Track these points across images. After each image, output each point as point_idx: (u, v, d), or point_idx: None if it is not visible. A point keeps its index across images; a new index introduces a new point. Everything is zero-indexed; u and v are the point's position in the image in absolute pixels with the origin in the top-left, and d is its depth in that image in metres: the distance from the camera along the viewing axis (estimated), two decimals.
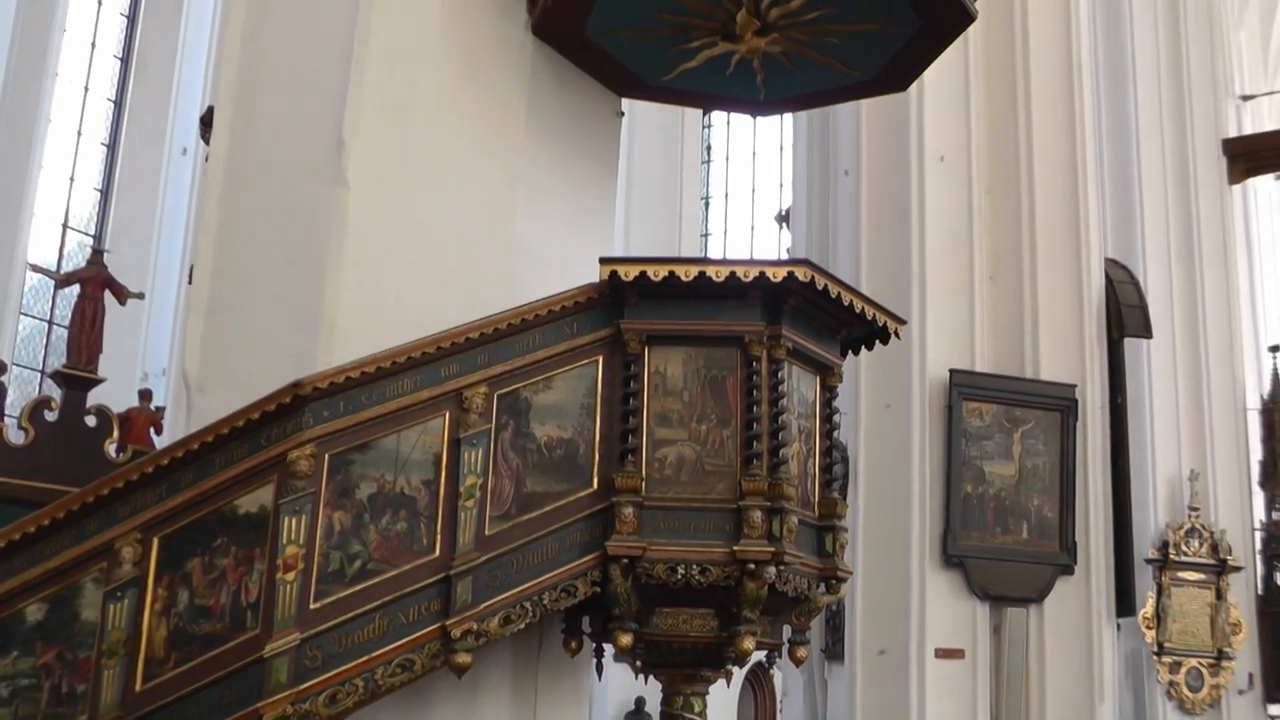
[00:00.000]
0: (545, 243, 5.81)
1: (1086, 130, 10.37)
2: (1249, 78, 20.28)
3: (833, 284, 4.82)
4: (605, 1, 5.64)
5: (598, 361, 4.78)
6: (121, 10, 20.83)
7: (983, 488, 10.07)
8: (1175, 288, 13.29)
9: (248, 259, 5.60)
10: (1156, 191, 13.45)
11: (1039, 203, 10.01)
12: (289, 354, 5.18)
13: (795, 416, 4.92)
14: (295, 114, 5.69)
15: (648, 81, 6.29)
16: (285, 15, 5.92)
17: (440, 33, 5.76)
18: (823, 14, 5.64)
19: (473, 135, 5.71)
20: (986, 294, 9.97)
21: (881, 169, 9.89)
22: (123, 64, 20.60)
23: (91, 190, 19.85)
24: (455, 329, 4.54)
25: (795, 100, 6.87)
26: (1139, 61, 13.82)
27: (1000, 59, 10.09)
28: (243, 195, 5.70)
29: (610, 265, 4.70)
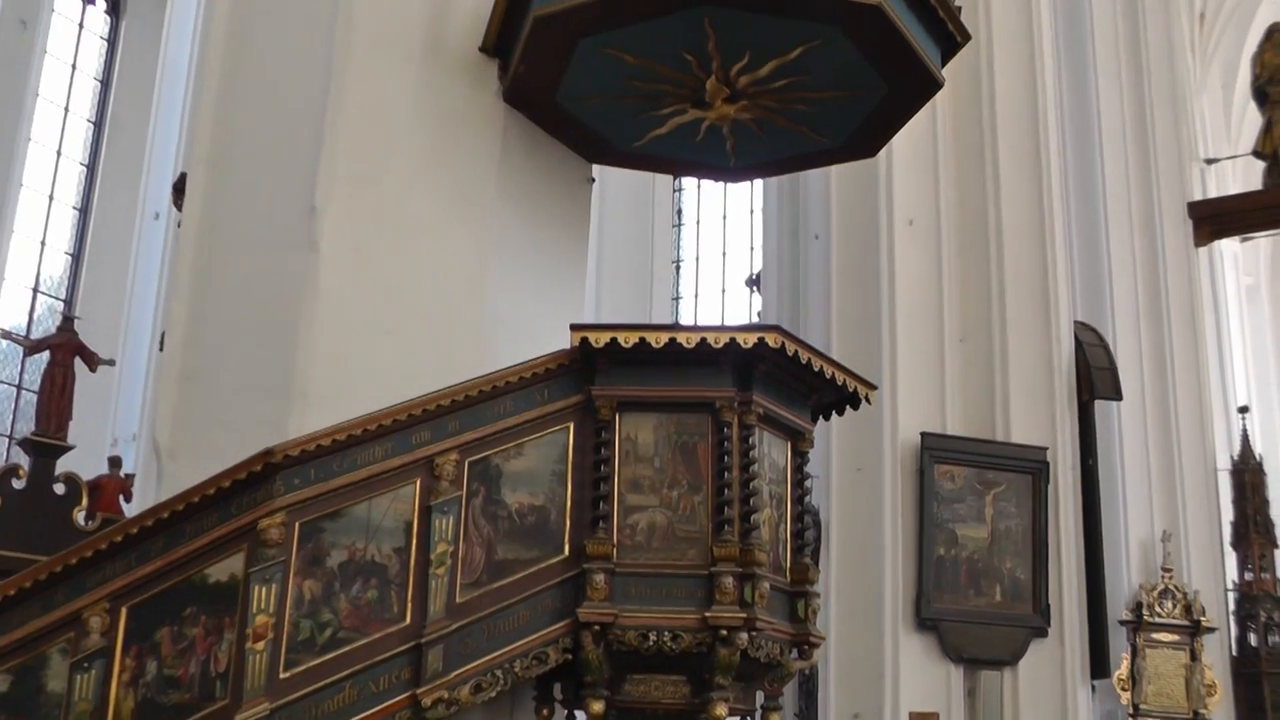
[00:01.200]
0: (517, 308, 5.82)
1: (1054, 194, 10.48)
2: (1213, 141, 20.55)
3: (803, 350, 4.84)
4: (576, 69, 5.70)
5: (569, 428, 4.79)
6: (95, 75, 20.88)
7: (955, 550, 10.07)
8: (1144, 350, 13.36)
9: (219, 326, 5.60)
10: (1124, 255, 13.57)
11: (1008, 266, 10.10)
12: (260, 421, 5.18)
13: (766, 482, 4.93)
14: (268, 180, 5.71)
15: (618, 148, 6.35)
16: (258, 81, 5.96)
17: (413, 99, 5.81)
18: (791, 82, 5.71)
19: (445, 201, 5.74)
20: (957, 357, 10.02)
21: (851, 233, 9.97)
22: (95, 128, 20.62)
23: (63, 254, 19.81)
24: (427, 396, 4.54)
25: (765, 166, 6.93)
26: (1105, 126, 13.98)
27: (968, 124, 10.20)
28: (215, 262, 5.71)
29: (581, 332, 4.71)
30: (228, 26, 6.17)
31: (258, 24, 6.11)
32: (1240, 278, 22.28)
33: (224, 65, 6.10)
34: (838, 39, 5.45)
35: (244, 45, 6.09)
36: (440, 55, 5.91)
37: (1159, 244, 13.79)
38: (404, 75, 5.82)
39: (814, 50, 5.51)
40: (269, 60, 6.01)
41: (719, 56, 5.56)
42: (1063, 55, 13.58)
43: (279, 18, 6.06)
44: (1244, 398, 19.05)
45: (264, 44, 6.06)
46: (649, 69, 5.64)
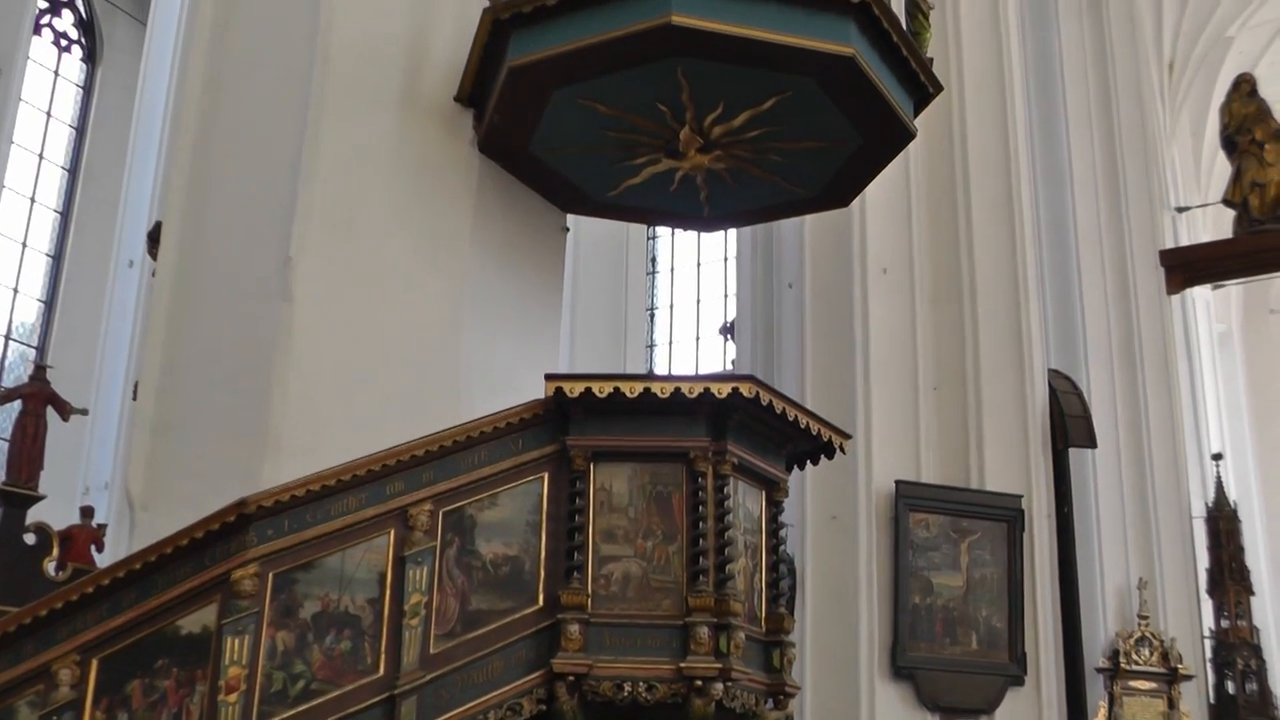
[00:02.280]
0: (491, 357, 5.83)
1: (1027, 242, 10.55)
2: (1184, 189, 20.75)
3: (777, 400, 4.86)
4: (550, 119, 5.73)
5: (543, 478, 4.78)
6: (70, 122, 20.87)
7: (931, 599, 10.05)
8: (1118, 397, 13.41)
9: (193, 375, 5.58)
10: (1097, 302, 13.64)
11: (981, 314, 10.14)
12: (234, 471, 5.16)
13: (741, 532, 4.93)
14: (243, 229, 5.72)
15: (593, 197, 6.38)
16: (234, 130, 5.98)
17: (388, 149, 5.83)
18: (765, 132, 5.76)
19: (419, 250, 5.75)
20: (931, 405, 10.04)
21: (825, 281, 10.01)
22: (70, 175, 20.60)
23: (35, 301, 19.73)
24: (401, 446, 4.52)
25: (739, 216, 6.97)
26: (1076, 175, 14.10)
27: (941, 173, 10.28)
28: (189, 311, 5.70)
29: (556, 382, 4.72)
30: (204, 75, 6.20)
31: (234, 73, 6.13)
32: (1213, 325, 22.45)
33: (200, 114, 6.12)
34: (811, 90, 5.50)
35: (220, 94, 6.11)
36: (416, 105, 5.94)
37: (1132, 292, 13.87)
38: (380, 125, 5.84)
39: (787, 101, 5.56)
40: (245, 109, 6.03)
41: (693, 107, 5.61)
42: (1034, 104, 13.73)
43: (255, 67, 6.09)
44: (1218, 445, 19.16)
45: (240, 93, 6.08)
46: (623, 119, 5.68)
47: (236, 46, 6.19)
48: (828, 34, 5.30)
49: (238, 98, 6.09)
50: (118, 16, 21.58)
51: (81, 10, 21.56)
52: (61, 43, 21.12)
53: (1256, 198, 13.63)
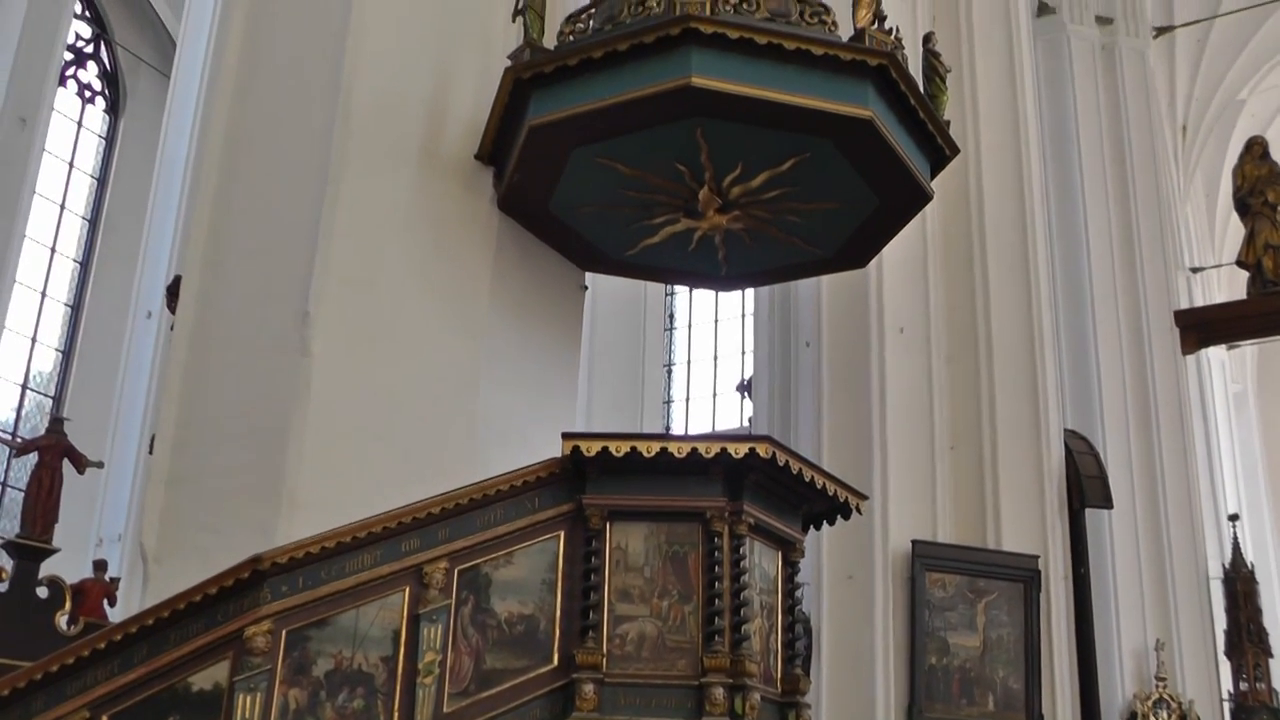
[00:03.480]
0: (508, 415, 5.83)
1: (1043, 303, 10.54)
2: (1198, 250, 20.78)
3: (794, 460, 4.85)
4: (570, 178, 5.77)
5: (559, 536, 4.77)
6: (92, 173, 21.05)
7: (947, 659, 9.96)
8: (1134, 458, 13.38)
9: (210, 429, 5.59)
10: (1113, 363, 13.65)
11: (998, 375, 10.12)
12: (249, 526, 5.15)
13: (757, 592, 4.91)
14: (262, 284, 5.74)
15: (611, 256, 6.40)
16: (255, 184, 6.02)
17: (407, 206, 5.86)
18: (783, 193, 5.79)
19: (437, 307, 5.77)
20: (947, 465, 10.01)
21: (842, 340, 10.00)
22: (91, 226, 20.75)
23: (53, 351, 19.82)
24: (417, 503, 4.52)
25: (757, 276, 6.99)
26: (1092, 235, 14.16)
27: (958, 233, 10.30)
28: (207, 365, 5.72)
29: (573, 441, 4.71)
30: (226, 129, 6.25)
31: (256, 126, 6.18)
32: (1228, 385, 22.41)
33: (221, 167, 6.17)
34: (829, 152, 5.53)
35: (242, 148, 6.16)
36: (436, 162, 5.98)
37: (1147, 352, 13.87)
38: (399, 181, 5.88)
39: (806, 162, 5.59)
40: (266, 163, 6.08)
41: (711, 167, 5.64)
42: (1050, 166, 13.80)
43: (277, 122, 6.14)
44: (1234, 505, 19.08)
45: (261, 147, 6.13)
46: (642, 179, 5.71)
47: (259, 101, 6.25)
48: (846, 97, 5.34)
49: (259, 152, 6.14)
50: (141, 69, 21.81)
51: (106, 62, 21.81)
52: (85, 94, 21.34)
53: (1270, 259, 13.63)
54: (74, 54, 20.93)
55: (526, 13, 5.83)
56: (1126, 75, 15.58)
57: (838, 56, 5.34)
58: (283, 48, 6.32)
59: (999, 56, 10.90)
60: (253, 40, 6.40)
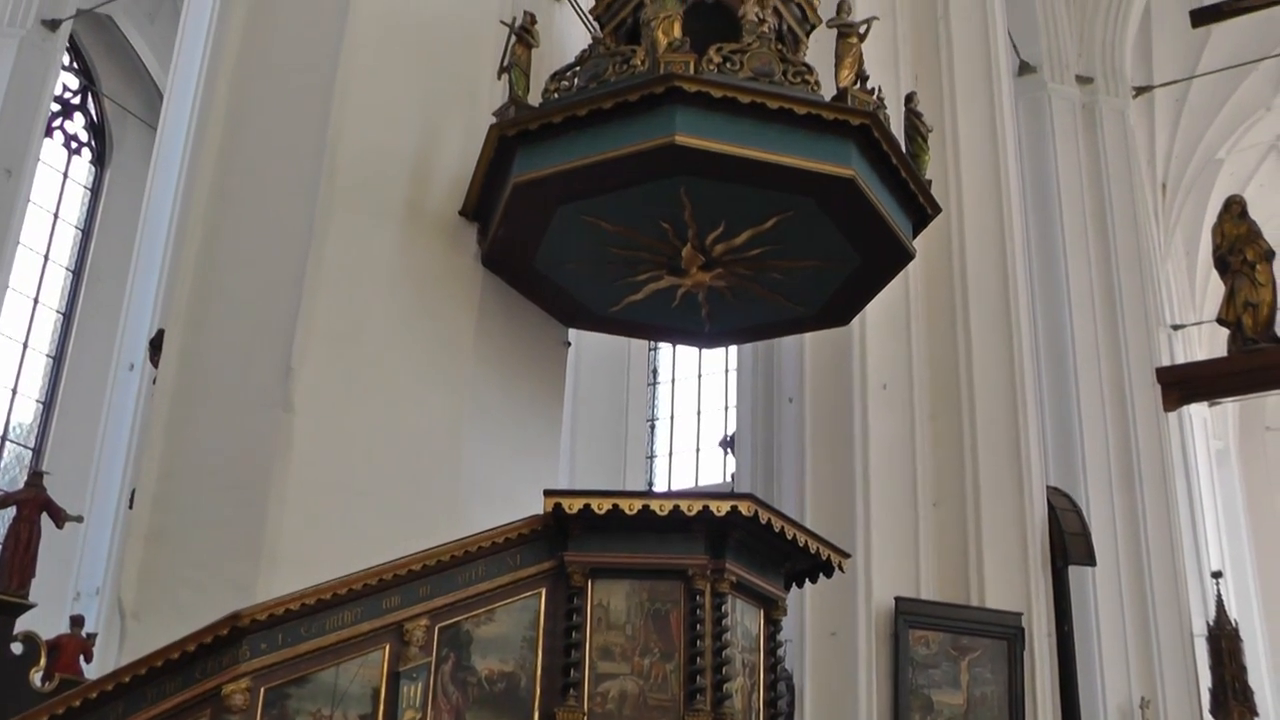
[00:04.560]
0: (491, 470, 5.82)
1: (1025, 360, 10.58)
2: (1179, 308, 20.91)
3: (776, 519, 4.84)
4: (554, 235, 5.79)
5: (540, 594, 4.74)
6: (77, 224, 21.05)
7: (932, 717, 9.90)
8: (1117, 515, 13.40)
9: (190, 484, 5.57)
10: (1095, 420, 13.71)
11: (980, 431, 10.13)
12: (228, 582, 5.13)
13: (739, 650, 4.88)
14: (245, 339, 5.74)
15: (595, 312, 6.41)
16: (240, 239, 6.04)
17: (392, 261, 5.87)
18: (766, 251, 5.82)
19: (421, 363, 5.77)
20: (931, 521, 10.00)
21: (825, 396, 10.01)
22: (74, 277, 20.72)
23: (34, 403, 19.73)
24: (398, 560, 4.50)
25: (740, 333, 7.00)
26: (1074, 293, 14.26)
27: (940, 290, 10.34)
28: (189, 420, 5.70)
29: (554, 498, 4.70)
30: (212, 182, 6.27)
31: (241, 180, 6.20)
32: (1210, 442, 22.48)
33: (206, 220, 6.18)
34: (812, 210, 5.57)
35: (227, 201, 6.18)
36: (420, 218, 6.00)
37: (1129, 409, 13.94)
38: (384, 237, 5.90)
39: (788, 220, 5.62)
40: (251, 217, 6.09)
41: (695, 225, 5.67)
42: (1032, 225, 13.92)
43: (262, 176, 6.16)
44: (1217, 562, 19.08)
45: (247, 201, 6.15)
46: (626, 236, 5.74)
47: (244, 155, 6.27)
48: (828, 156, 5.38)
49: (244, 206, 6.16)
50: (128, 120, 21.87)
51: (93, 114, 21.87)
52: (72, 145, 21.38)
53: (1250, 317, 13.72)
54: (61, 105, 20.99)
55: (512, 70, 5.88)
56: (1107, 134, 15.76)
57: (820, 116, 5.39)
58: (269, 102, 6.35)
59: (981, 115, 11.00)
60: (239, 93, 6.44)
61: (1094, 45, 16.48)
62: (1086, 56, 16.41)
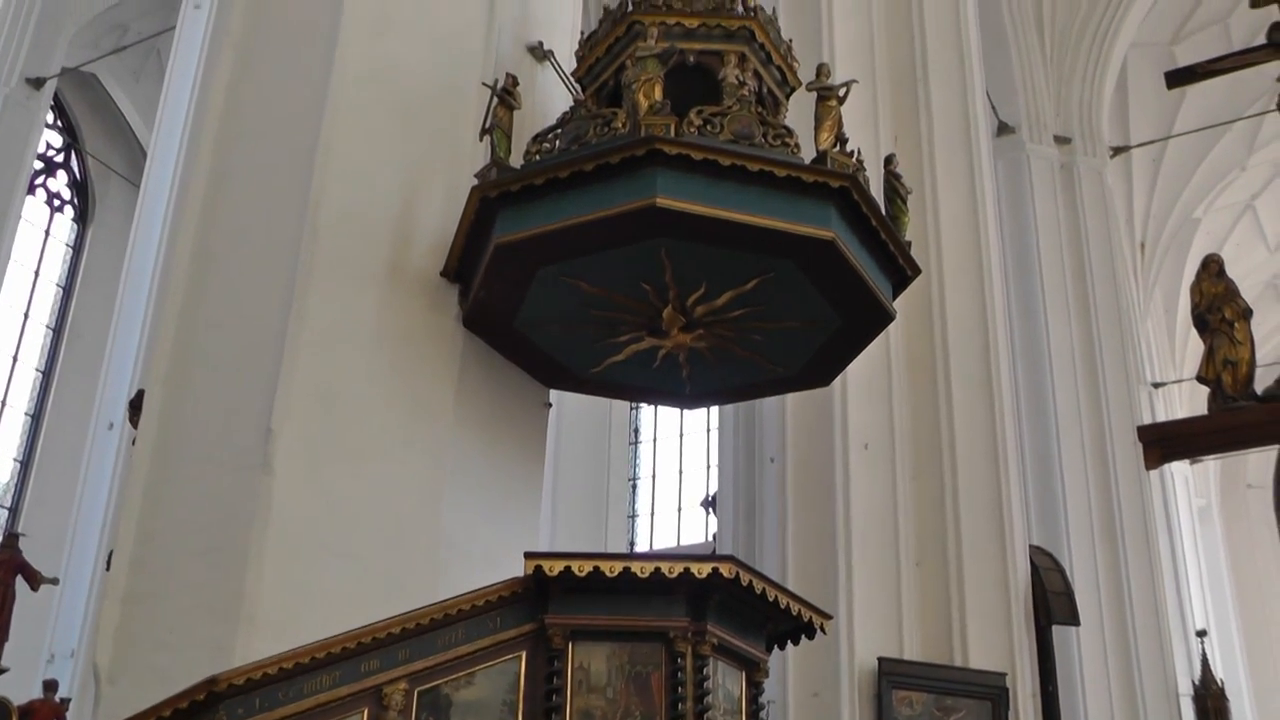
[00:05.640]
0: (471, 532, 5.79)
1: (1006, 419, 10.60)
2: (1159, 365, 21.00)
3: (757, 580, 4.83)
4: (535, 296, 5.80)
5: (521, 657, 4.71)
6: (58, 281, 21.00)
7: None
8: (1100, 573, 13.40)
9: (168, 546, 5.53)
10: (1077, 478, 13.74)
11: (962, 490, 10.13)
12: (205, 645, 5.08)
13: (721, 713, 4.84)
14: (225, 400, 5.73)
15: (576, 373, 6.41)
16: (222, 299, 6.03)
17: (373, 323, 5.87)
18: (747, 312, 5.83)
19: (401, 424, 5.76)
20: (913, 581, 9.97)
21: (806, 456, 10.01)
22: (55, 335, 20.65)
23: (12, 461, 19.59)
24: (377, 624, 4.46)
25: (721, 394, 7.02)
26: (1054, 352, 14.34)
27: (921, 350, 10.37)
28: (168, 480, 5.67)
29: (535, 560, 4.68)
30: (194, 241, 6.27)
31: (224, 240, 6.21)
32: (1192, 499, 22.50)
33: (188, 279, 6.18)
34: (792, 272, 5.59)
35: (209, 260, 6.18)
36: (402, 279, 6.01)
37: (1111, 467, 13.97)
38: (365, 298, 5.90)
39: (769, 282, 5.65)
40: (232, 278, 6.09)
41: (676, 287, 5.69)
42: (1012, 284, 14.01)
43: (245, 236, 6.17)
44: (1202, 621, 19.05)
45: (229, 260, 6.15)
46: (607, 298, 5.75)
47: (227, 214, 6.28)
48: (808, 218, 5.41)
49: (226, 266, 6.16)
50: (112, 178, 21.90)
51: (76, 171, 21.89)
52: (54, 202, 21.37)
53: (1229, 375, 13.76)
54: (44, 163, 21.01)
55: (494, 132, 5.91)
56: (1085, 194, 15.91)
57: (800, 178, 5.42)
58: (253, 161, 6.37)
59: (960, 176, 11.08)
60: (223, 153, 6.46)
61: (1071, 106, 16.67)
62: (1064, 117, 16.59)
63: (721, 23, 6.12)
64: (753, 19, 6.18)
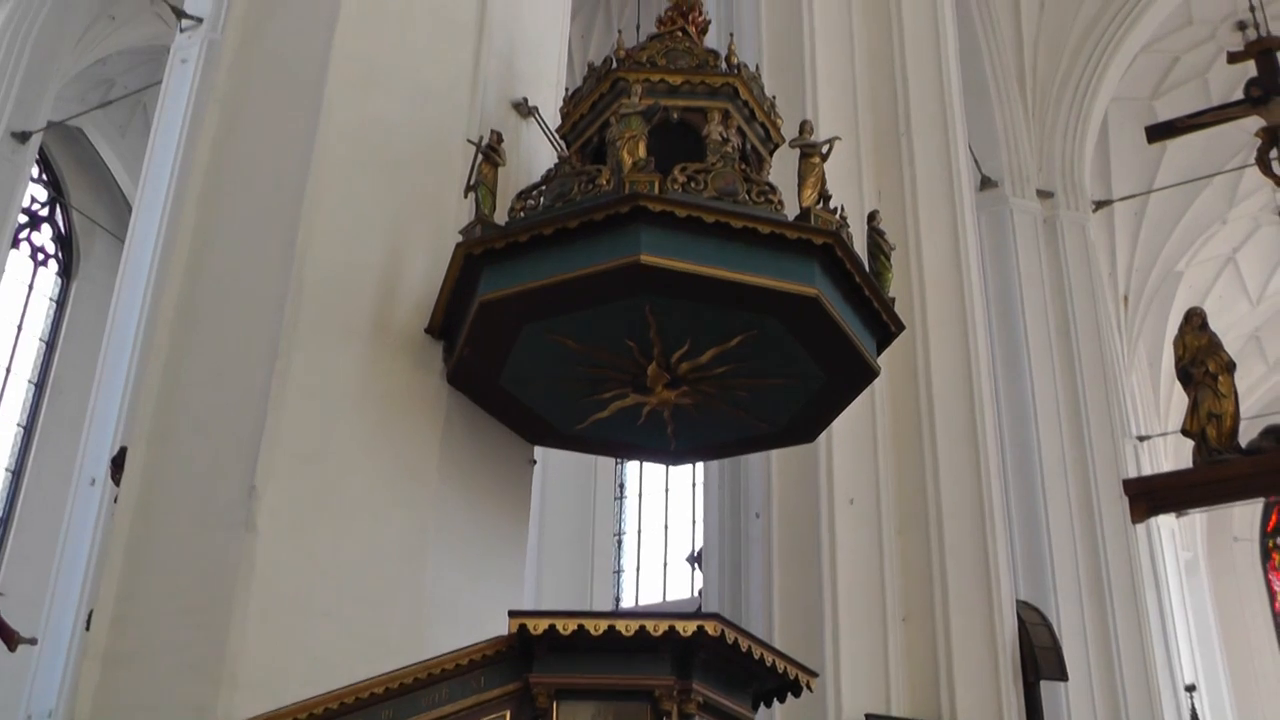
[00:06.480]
0: (455, 591, 5.76)
1: (992, 473, 10.60)
2: (1144, 418, 21.07)
3: (743, 638, 4.79)
4: (519, 353, 5.80)
5: (505, 716, 4.65)
6: (41, 336, 20.96)
7: None
8: (1088, 628, 13.38)
9: (150, 605, 5.48)
10: (1064, 532, 13.75)
11: (949, 545, 10.11)
12: (187, 706, 5.04)
13: None
14: (209, 457, 5.70)
15: (560, 430, 6.40)
16: (206, 355, 6.02)
17: (357, 380, 5.86)
18: (731, 369, 5.83)
19: (385, 482, 5.73)
20: (900, 637, 9.93)
21: (792, 512, 9.99)
22: (37, 390, 20.57)
23: None
24: (360, 683, 4.43)
25: (706, 450, 7.00)
26: (1039, 405, 14.38)
27: (906, 405, 10.38)
28: (149, 539, 5.63)
29: (519, 619, 4.64)
30: (178, 297, 6.26)
31: (208, 296, 6.20)
32: (1179, 553, 22.51)
33: (172, 335, 6.16)
34: (776, 328, 5.60)
35: (193, 316, 6.17)
36: (387, 336, 6.00)
37: (1097, 521, 13.98)
38: (350, 355, 5.89)
39: (753, 339, 5.65)
40: (216, 335, 6.08)
41: (660, 343, 5.69)
42: (996, 338, 14.05)
43: (229, 292, 6.16)
44: (1190, 675, 19.00)
45: (213, 317, 6.14)
46: (591, 354, 5.75)
47: (212, 271, 6.28)
48: (792, 275, 5.43)
49: (210, 322, 6.15)
50: (96, 232, 21.91)
51: (61, 225, 21.89)
52: (38, 256, 21.36)
53: (1214, 428, 13.77)
54: (29, 216, 21.02)
55: (479, 188, 5.93)
56: (1068, 247, 16.02)
57: (784, 235, 5.44)
58: (237, 218, 6.38)
59: (943, 230, 11.14)
60: (208, 208, 6.46)
61: (1054, 160, 16.82)
62: (1046, 171, 16.74)
63: (705, 80, 6.16)
64: (736, 76, 6.22)
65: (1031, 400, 14.39)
